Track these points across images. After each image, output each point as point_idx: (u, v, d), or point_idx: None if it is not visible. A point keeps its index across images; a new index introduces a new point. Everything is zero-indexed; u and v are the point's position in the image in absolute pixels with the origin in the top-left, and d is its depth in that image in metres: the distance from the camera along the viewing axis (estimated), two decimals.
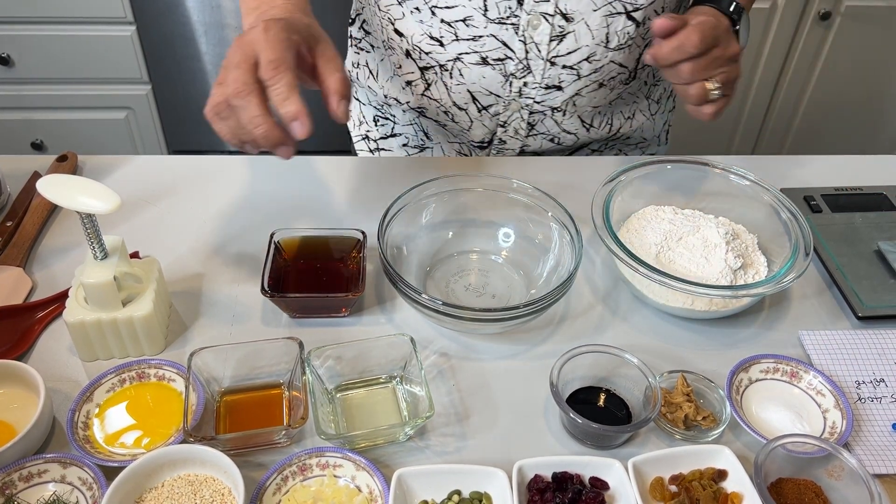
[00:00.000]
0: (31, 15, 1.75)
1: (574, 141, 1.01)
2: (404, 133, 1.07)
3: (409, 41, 0.92)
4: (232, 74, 0.64)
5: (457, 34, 0.89)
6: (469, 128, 0.99)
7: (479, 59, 0.90)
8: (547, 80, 0.91)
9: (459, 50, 0.90)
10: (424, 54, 0.92)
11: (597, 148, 1.07)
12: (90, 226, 0.67)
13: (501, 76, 0.91)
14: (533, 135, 0.99)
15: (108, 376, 0.69)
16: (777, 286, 0.74)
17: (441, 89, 0.95)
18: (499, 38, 0.88)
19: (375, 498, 0.62)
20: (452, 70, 0.92)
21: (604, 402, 0.70)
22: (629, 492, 0.61)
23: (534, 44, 0.88)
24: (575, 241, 0.78)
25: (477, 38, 0.89)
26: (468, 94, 0.94)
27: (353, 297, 0.76)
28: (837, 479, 0.63)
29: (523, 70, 0.90)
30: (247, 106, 0.64)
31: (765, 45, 1.97)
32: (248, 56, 0.65)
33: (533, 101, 0.94)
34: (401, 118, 1.06)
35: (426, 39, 0.91)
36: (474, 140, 1.01)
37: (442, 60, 0.92)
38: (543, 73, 0.91)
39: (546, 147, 1.02)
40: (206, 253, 0.85)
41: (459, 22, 0.88)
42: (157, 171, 0.97)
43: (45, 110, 1.92)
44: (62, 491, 0.62)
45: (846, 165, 1.04)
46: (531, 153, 1.03)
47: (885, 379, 0.74)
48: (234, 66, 0.65)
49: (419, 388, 0.67)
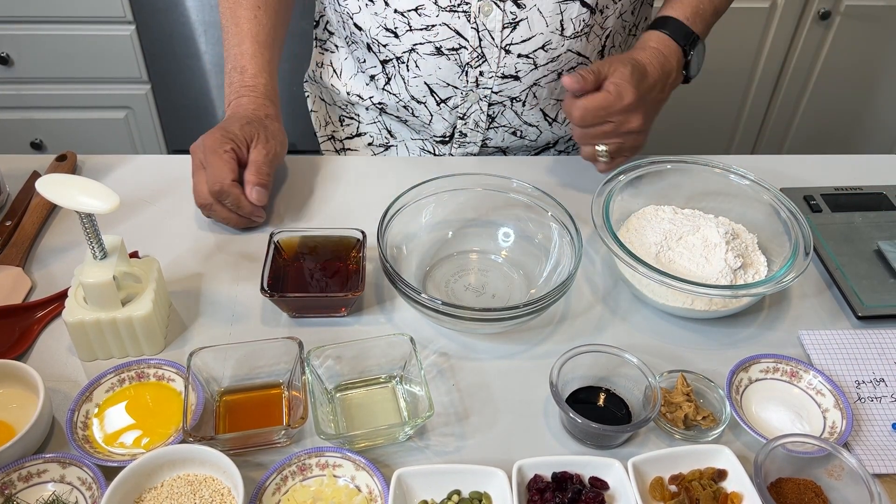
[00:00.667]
0: (31, 14, 1.75)
1: (537, 135, 1.01)
2: (369, 132, 1.08)
3: (367, 34, 0.93)
4: (195, 188, 0.85)
5: (410, 24, 0.89)
6: (429, 122, 0.99)
7: (434, 49, 0.90)
8: (503, 69, 0.91)
9: (414, 40, 0.90)
10: (382, 47, 0.93)
11: (563, 149, 1.07)
12: (89, 225, 0.67)
13: (457, 66, 0.91)
14: (494, 127, 0.99)
15: (107, 376, 0.69)
16: (777, 286, 0.74)
17: (399, 83, 0.96)
18: (451, 27, 0.88)
19: (375, 498, 0.62)
20: (409, 62, 0.93)
21: (603, 401, 0.70)
22: (629, 492, 0.61)
23: (486, 31, 0.88)
24: (575, 240, 0.78)
25: (430, 27, 0.89)
26: (426, 87, 0.95)
27: (352, 297, 0.76)
28: (837, 479, 0.63)
29: (478, 59, 0.90)
30: (214, 211, 0.85)
31: (764, 45, 1.96)
32: (200, 168, 0.85)
33: (490, 91, 0.94)
34: (364, 117, 1.07)
35: (382, 32, 0.92)
36: (436, 134, 1.01)
37: (398, 52, 0.93)
38: (499, 62, 0.90)
39: (509, 141, 1.02)
40: (205, 252, 0.85)
41: (412, 11, 0.88)
42: (156, 170, 0.97)
43: (44, 110, 1.92)
44: (61, 491, 0.62)
45: (846, 165, 1.04)
46: (494, 148, 1.03)
47: (884, 378, 0.74)
48: (195, 177, 0.85)
49: (419, 388, 0.67)
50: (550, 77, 0.93)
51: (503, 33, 0.88)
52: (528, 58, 0.90)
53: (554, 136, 1.03)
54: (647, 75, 0.86)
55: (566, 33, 0.89)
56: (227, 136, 0.85)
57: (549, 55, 0.90)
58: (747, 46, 1.96)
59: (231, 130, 0.86)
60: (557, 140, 1.04)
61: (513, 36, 0.88)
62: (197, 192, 0.85)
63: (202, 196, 0.84)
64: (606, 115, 0.84)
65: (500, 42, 0.89)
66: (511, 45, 0.89)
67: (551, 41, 0.89)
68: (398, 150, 1.08)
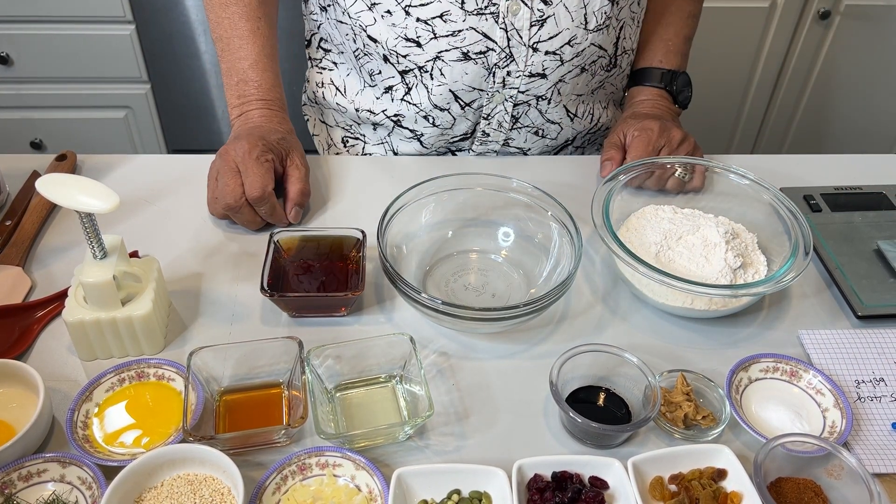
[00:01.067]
0: (31, 14, 1.75)
1: (558, 132, 1.01)
2: (375, 153, 1.05)
3: (384, 46, 0.91)
4: (225, 189, 0.85)
5: (434, 32, 0.88)
6: (451, 126, 0.98)
7: (460, 54, 0.90)
8: (530, 68, 0.91)
9: (439, 48, 0.89)
10: (402, 58, 0.92)
11: (580, 145, 1.07)
12: (89, 225, 0.67)
13: (484, 69, 0.91)
14: (517, 128, 0.99)
15: (107, 376, 0.69)
16: (777, 285, 0.74)
17: (421, 93, 0.95)
18: (478, 30, 0.88)
19: (375, 497, 0.62)
20: (433, 70, 0.92)
21: (603, 401, 0.70)
22: (629, 491, 0.61)
23: (515, 30, 0.88)
24: (575, 240, 0.78)
25: (456, 32, 0.88)
26: (450, 94, 0.94)
27: (352, 297, 0.76)
28: (837, 479, 0.63)
29: (506, 59, 0.90)
30: (241, 212, 0.85)
31: (764, 45, 1.96)
32: (234, 171, 0.85)
33: (517, 90, 0.93)
34: (371, 137, 1.05)
35: (402, 42, 0.90)
36: (456, 135, 1.00)
37: (420, 62, 0.91)
38: (526, 61, 0.90)
39: (531, 142, 1.02)
40: (205, 252, 0.85)
41: (437, 18, 0.87)
42: (156, 170, 0.97)
43: (44, 109, 1.92)
44: (61, 490, 0.62)
45: (846, 164, 1.04)
46: (515, 148, 1.02)
47: (884, 378, 0.74)
48: (225, 178, 0.85)
49: (419, 388, 0.67)
50: (574, 73, 0.94)
51: (531, 31, 0.88)
52: (554, 54, 0.91)
53: (574, 132, 1.03)
54: (650, 115, 0.98)
55: (589, 27, 0.90)
56: (267, 147, 0.87)
57: (574, 50, 0.91)
58: (747, 46, 1.96)
59: (270, 141, 0.88)
60: (576, 136, 1.05)
61: (540, 34, 0.89)
62: (228, 193, 0.84)
63: (234, 197, 0.84)
64: (653, 149, 0.93)
65: (527, 40, 0.89)
66: (539, 42, 0.89)
67: (576, 36, 0.90)
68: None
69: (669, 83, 1.02)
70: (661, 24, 1.04)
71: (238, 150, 0.85)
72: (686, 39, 1.05)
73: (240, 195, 0.84)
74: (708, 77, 1.89)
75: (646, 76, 1.03)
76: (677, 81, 1.02)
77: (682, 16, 1.04)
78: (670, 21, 1.03)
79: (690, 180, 0.91)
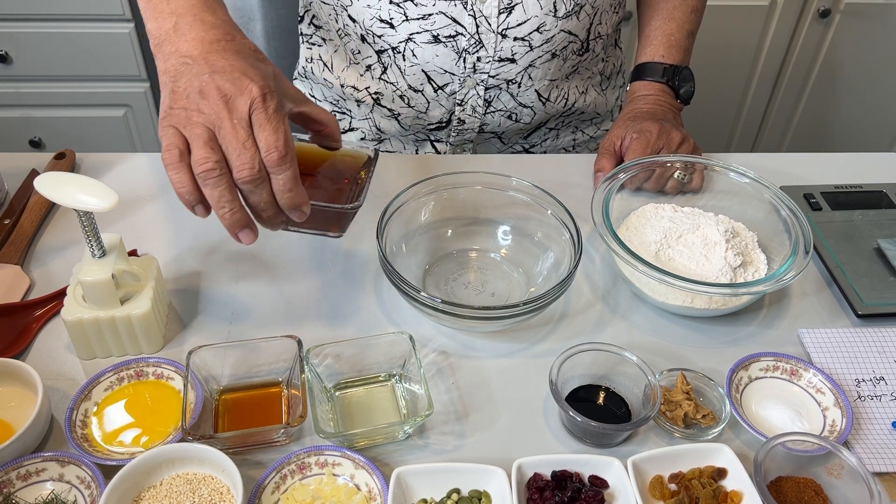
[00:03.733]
0: (30, 12, 1.74)
1: (531, 116, 1.02)
2: (360, 128, 1.08)
3: (361, 26, 0.94)
4: (199, 140, 0.58)
5: (406, 14, 0.90)
6: (426, 110, 1.00)
7: (431, 37, 0.92)
8: (500, 53, 0.93)
9: (410, 30, 0.92)
10: (377, 38, 0.94)
11: (554, 126, 1.08)
12: (88, 223, 0.67)
13: (454, 53, 0.93)
14: (490, 112, 1.00)
15: (106, 374, 0.69)
16: (777, 284, 0.74)
17: (396, 73, 0.97)
18: (448, 15, 0.90)
19: (374, 496, 0.62)
20: (405, 51, 0.94)
21: (603, 400, 0.70)
22: (628, 490, 0.61)
23: (483, 17, 0.90)
24: (574, 238, 0.78)
25: (426, 16, 0.90)
26: (423, 75, 0.96)
27: (350, 211, 0.69)
28: (837, 478, 0.63)
29: (475, 45, 0.92)
30: (217, 185, 0.58)
31: (764, 43, 1.96)
32: (227, 112, 0.58)
33: (487, 75, 0.95)
34: (357, 112, 1.07)
35: (377, 23, 0.92)
36: (432, 122, 1.02)
37: (394, 43, 0.94)
38: (496, 47, 0.92)
39: (505, 125, 1.03)
40: (204, 251, 0.85)
41: (408, 2, 0.90)
42: (155, 168, 0.96)
43: (42, 108, 1.91)
44: (60, 489, 0.61)
45: (846, 163, 1.04)
46: (490, 133, 1.04)
47: (884, 377, 0.74)
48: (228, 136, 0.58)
49: (418, 387, 0.67)
50: (545, 58, 0.95)
51: (499, 18, 0.90)
52: (523, 40, 0.92)
53: (547, 115, 1.04)
54: (648, 113, 0.98)
55: (559, 14, 0.92)
56: (286, 94, 0.65)
57: (544, 37, 0.93)
58: (747, 44, 1.96)
59: (284, 87, 0.65)
60: (549, 119, 1.05)
61: (508, 20, 0.91)
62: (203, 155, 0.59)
63: (210, 160, 0.58)
64: (652, 152, 0.92)
65: (496, 27, 0.91)
66: (507, 29, 0.91)
67: (545, 23, 0.92)
68: (392, 144, 1.09)
69: (672, 78, 1.02)
70: (663, 18, 1.04)
71: (249, 90, 0.59)
72: (689, 34, 1.05)
73: (221, 156, 0.59)
74: (708, 75, 1.89)
75: (648, 71, 1.03)
76: (679, 76, 1.03)
77: (685, 10, 1.04)
78: (673, 15, 1.04)
79: (689, 181, 0.91)
